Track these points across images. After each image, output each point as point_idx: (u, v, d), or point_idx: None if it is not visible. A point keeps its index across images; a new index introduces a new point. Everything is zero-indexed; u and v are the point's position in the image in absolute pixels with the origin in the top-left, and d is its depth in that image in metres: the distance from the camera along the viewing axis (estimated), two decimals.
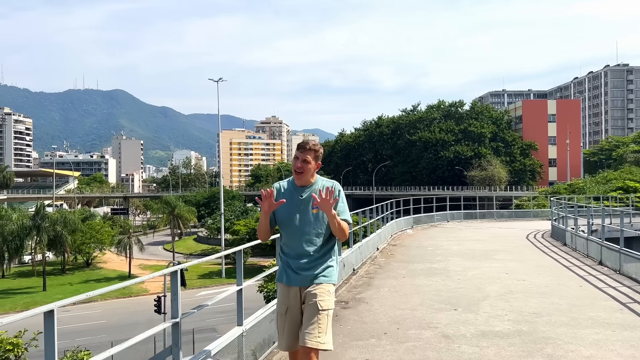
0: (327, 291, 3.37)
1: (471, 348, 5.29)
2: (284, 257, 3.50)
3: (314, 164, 3.42)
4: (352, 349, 5.39)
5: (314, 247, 3.41)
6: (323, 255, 3.45)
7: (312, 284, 3.38)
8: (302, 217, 3.41)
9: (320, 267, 3.42)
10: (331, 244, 3.49)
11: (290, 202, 3.43)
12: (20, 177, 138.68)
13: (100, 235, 59.53)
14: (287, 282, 3.44)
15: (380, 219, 15.23)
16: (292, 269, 3.42)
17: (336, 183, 3.46)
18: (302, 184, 3.44)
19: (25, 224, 49.44)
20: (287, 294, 3.44)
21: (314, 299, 3.31)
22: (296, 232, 3.43)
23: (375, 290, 8.50)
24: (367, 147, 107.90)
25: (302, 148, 3.43)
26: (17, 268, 56.02)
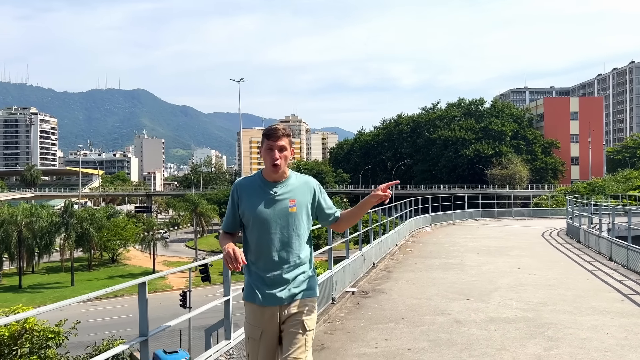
0: (313, 307, 2.97)
1: (480, 331, 5.91)
2: (255, 270, 2.92)
3: (289, 151, 2.91)
4: (372, 331, 6.05)
5: (293, 254, 2.91)
6: (303, 264, 2.97)
7: (294, 300, 2.90)
8: (278, 219, 2.89)
9: (302, 278, 2.94)
10: (310, 249, 3.05)
11: (261, 200, 2.89)
12: (46, 175, 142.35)
13: (125, 232, 61.14)
14: (263, 301, 2.87)
15: (399, 217, 15.85)
16: (267, 285, 2.88)
17: (313, 178, 3.07)
18: (276, 178, 2.92)
19: (54, 221, 51.17)
20: (261, 316, 2.89)
21: (300, 317, 2.88)
22: (271, 239, 2.89)
23: (393, 282, 9.13)
24: (386, 145, 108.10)
25: (274, 136, 2.87)
26: (45, 264, 57.86)
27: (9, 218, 49.50)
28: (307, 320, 2.89)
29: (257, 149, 24.72)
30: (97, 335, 25.35)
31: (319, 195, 3.03)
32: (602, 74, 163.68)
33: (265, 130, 2.91)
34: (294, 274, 2.91)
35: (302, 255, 2.96)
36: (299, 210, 2.93)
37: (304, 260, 2.97)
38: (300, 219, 2.94)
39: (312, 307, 2.96)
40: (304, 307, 2.92)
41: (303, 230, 2.96)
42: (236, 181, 3.01)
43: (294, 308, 2.90)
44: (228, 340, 4.21)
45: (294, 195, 2.92)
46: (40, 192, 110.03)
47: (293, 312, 2.89)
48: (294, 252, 2.92)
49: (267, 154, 2.87)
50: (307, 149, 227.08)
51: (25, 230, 48.74)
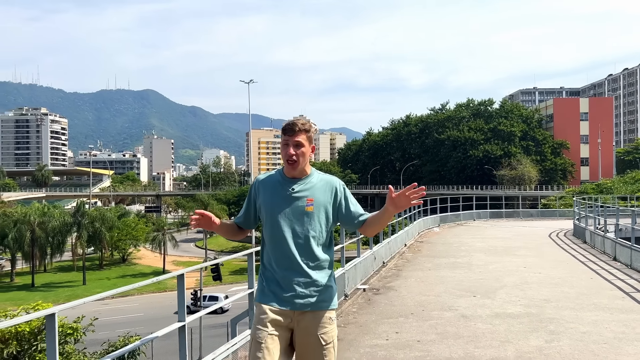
0: (330, 319, 2.76)
1: (485, 325, 6.24)
2: (269, 270, 2.79)
3: (308, 147, 2.78)
4: (383, 325, 6.40)
5: (307, 257, 2.74)
6: (321, 270, 2.77)
7: (307, 311, 2.72)
8: (294, 217, 2.75)
9: (317, 286, 2.74)
10: (330, 255, 2.84)
11: (277, 197, 2.78)
12: (57, 175, 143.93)
13: (135, 232, 61.84)
14: (271, 303, 2.72)
15: (408, 218, 16.18)
16: (278, 286, 2.74)
17: (338, 178, 2.92)
18: (295, 175, 2.80)
19: (66, 221, 51.94)
20: (268, 318, 2.70)
21: (315, 332, 2.70)
22: (284, 238, 2.75)
23: (403, 280, 9.47)
24: (395, 146, 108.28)
25: (290, 131, 2.77)
26: (57, 263, 58.69)
27: (22, 218, 50.35)
28: (323, 335, 2.69)
29: (266, 149, 25.41)
30: (109, 333, 25.81)
31: (341, 196, 2.82)
32: (613, 74, 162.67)
33: (284, 125, 2.81)
34: (307, 280, 2.71)
35: (318, 259, 2.75)
36: (316, 210, 2.74)
37: (321, 266, 2.76)
38: (318, 220, 2.75)
39: (328, 319, 2.74)
40: (320, 320, 2.71)
41: (320, 232, 2.77)
42: (258, 176, 2.93)
43: (309, 321, 2.70)
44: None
45: (313, 194, 2.76)
46: (51, 192, 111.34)
47: (308, 324, 2.70)
48: (308, 255, 2.73)
49: (283, 150, 2.79)
50: (315, 150, 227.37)
51: (38, 230, 49.56)
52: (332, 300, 2.80)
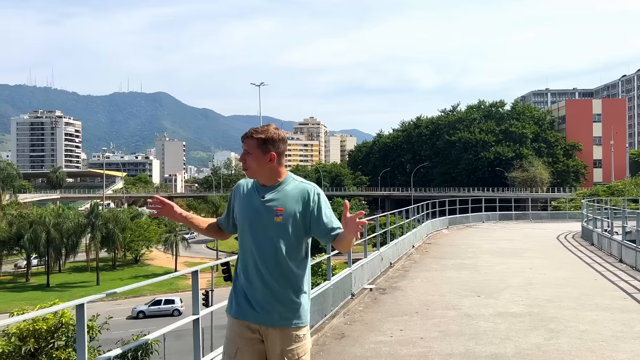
0: (297, 337, 2.62)
1: (487, 324, 6.44)
2: (239, 280, 2.70)
3: (259, 154, 2.64)
4: (388, 322, 6.63)
5: (275, 271, 2.61)
6: (289, 285, 2.62)
7: (275, 327, 2.60)
8: (263, 227, 2.63)
9: (285, 302, 2.61)
10: (302, 269, 2.67)
11: (249, 205, 2.69)
12: (71, 177, 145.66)
13: (147, 233, 62.54)
14: (239, 315, 2.65)
15: (417, 219, 16.37)
16: (245, 298, 2.64)
17: (314, 185, 2.75)
18: (265, 182, 2.69)
19: (80, 222, 52.72)
20: (237, 331, 2.64)
21: (280, 349, 2.59)
22: (253, 248, 2.65)
23: (409, 280, 9.68)
24: (405, 147, 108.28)
25: (243, 137, 2.69)
26: (71, 263, 59.53)
27: (38, 219, 51.19)
28: (288, 353, 2.57)
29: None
30: (123, 332, 26.26)
31: (314, 205, 2.64)
32: (627, 75, 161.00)
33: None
34: (271, 294, 2.60)
35: (286, 273, 2.61)
36: (285, 221, 2.60)
37: (289, 280, 2.62)
38: (288, 231, 2.61)
39: (295, 337, 2.60)
40: (285, 338, 2.59)
41: (291, 244, 2.62)
42: (239, 182, 2.84)
43: (274, 337, 2.60)
44: None
45: (284, 203, 2.62)
46: (66, 194, 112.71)
47: (273, 341, 2.60)
48: (274, 268, 2.60)
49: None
50: (325, 151, 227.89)
51: (53, 231, 50.33)
52: (301, 317, 2.63)
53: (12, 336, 13.19)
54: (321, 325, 6.49)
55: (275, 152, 2.64)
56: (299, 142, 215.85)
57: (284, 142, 2.70)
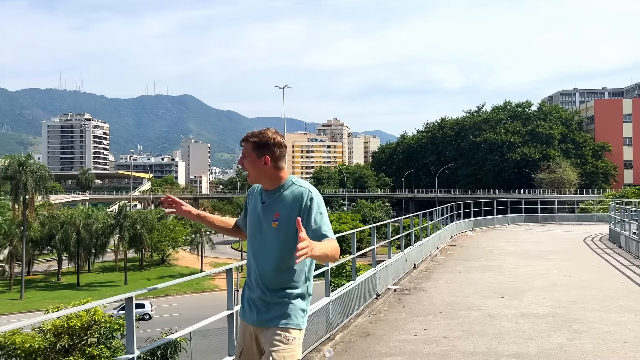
0: (285, 337, 2.60)
1: (510, 324, 6.54)
2: (246, 282, 2.81)
3: (254, 158, 2.68)
4: (412, 322, 6.78)
5: (271, 274, 2.65)
6: (282, 288, 2.64)
7: (268, 328, 2.64)
8: (262, 231, 2.70)
9: (279, 304, 2.63)
10: (299, 275, 2.67)
11: (254, 209, 2.78)
12: (99, 179, 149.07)
13: (174, 234, 63.57)
14: (242, 316, 2.78)
15: (441, 221, 16.41)
16: (246, 300, 2.75)
17: (310, 188, 2.69)
18: (267, 187, 2.73)
19: (109, 223, 53.96)
20: (242, 332, 2.78)
21: (269, 349, 2.60)
22: (254, 252, 2.74)
23: (433, 281, 9.80)
24: (429, 149, 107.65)
25: (241, 141, 2.78)
26: (100, 263, 60.92)
27: (69, 219, 52.58)
28: (274, 353, 2.56)
29: (300, 153, 26.15)
30: (150, 331, 26.88)
31: (304, 209, 2.61)
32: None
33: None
34: (269, 297, 2.64)
35: (280, 277, 2.64)
36: (281, 226, 2.62)
37: (282, 283, 2.64)
38: (284, 236, 2.62)
39: (283, 337, 2.59)
40: (273, 338, 2.60)
41: (287, 249, 2.60)
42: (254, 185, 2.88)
43: (264, 337, 2.64)
44: None
45: (281, 208, 2.65)
46: (94, 195, 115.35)
47: (264, 341, 2.64)
48: (269, 272, 2.64)
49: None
50: (349, 153, 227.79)
51: (83, 231, 51.63)
52: (290, 318, 2.61)
53: (47, 332, 13.73)
54: (347, 324, 6.69)
55: (269, 155, 2.65)
56: (322, 143, 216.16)
57: (281, 146, 2.69)
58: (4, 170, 47.63)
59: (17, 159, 48.53)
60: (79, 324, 14.60)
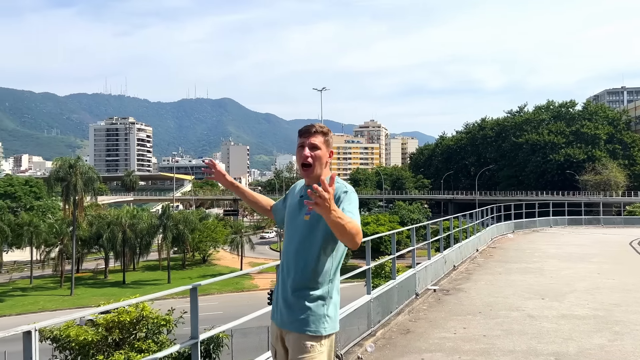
0: (311, 346, 2.50)
1: (550, 324, 6.61)
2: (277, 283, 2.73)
3: (325, 151, 2.59)
4: (452, 321, 6.94)
5: (298, 272, 2.54)
6: (309, 288, 2.52)
7: (291, 332, 2.55)
8: (296, 227, 2.60)
9: (298, 306, 2.52)
10: (327, 274, 2.55)
11: (292, 205, 2.69)
12: (143, 180, 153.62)
13: (214, 234, 64.96)
14: (272, 316, 2.70)
15: (481, 223, 16.35)
16: (278, 301, 2.65)
17: (347, 184, 2.57)
18: (312, 181, 2.56)
19: (153, 223, 55.69)
20: (272, 334, 2.70)
21: (294, 356, 2.53)
22: (286, 247, 2.65)
23: (473, 283, 9.88)
24: (469, 150, 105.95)
25: (306, 132, 2.62)
26: (144, 262, 62.89)
27: (115, 219, 54.59)
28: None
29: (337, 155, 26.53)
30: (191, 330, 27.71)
31: (336, 199, 2.45)
32: None
33: (300, 129, 2.68)
34: (289, 296, 2.55)
35: (309, 275, 2.52)
36: (313, 219, 2.50)
37: (310, 283, 2.52)
38: (316, 230, 2.51)
39: (309, 346, 2.49)
40: (298, 344, 2.50)
41: (317, 244, 2.51)
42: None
43: (290, 342, 2.56)
44: None
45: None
46: (138, 196, 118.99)
47: (290, 346, 2.56)
48: (298, 269, 2.54)
49: (298, 153, 2.63)
50: (386, 154, 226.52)
51: (128, 231, 53.50)
52: (317, 325, 2.50)
53: (99, 327, 14.48)
54: (387, 321, 6.91)
55: (331, 149, 2.65)
56: (359, 145, 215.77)
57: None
58: (56, 172, 49.97)
59: (67, 161, 50.78)
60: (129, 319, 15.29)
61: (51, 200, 68.42)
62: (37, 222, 51.99)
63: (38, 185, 71.89)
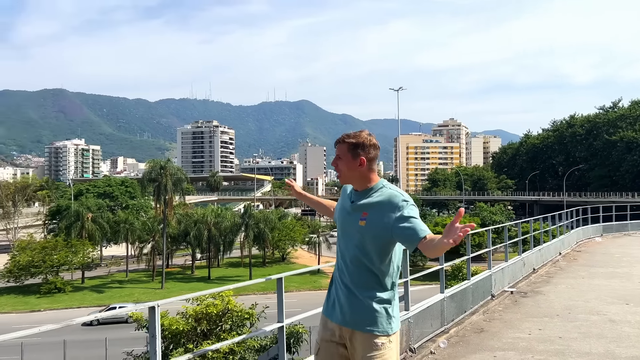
0: (380, 345, 2.62)
1: (632, 329, 6.47)
2: (332, 278, 2.85)
3: (349, 158, 2.73)
4: (527, 322, 6.98)
5: (356, 274, 2.67)
6: (368, 289, 2.65)
7: (351, 328, 2.67)
8: (349, 230, 2.72)
9: (363, 307, 2.64)
10: (384, 276, 2.67)
11: (343, 208, 2.83)
12: (226, 180, 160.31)
13: (293, 233, 66.62)
14: (326, 313, 2.80)
15: (565, 225, 15.77)
16: (334, 299, 2.77)
17: (402, 192, 2.66)
18: (357, 187, 2.75)
19: (236, 222, 58.20)
20: (324, 329, 2.80)
21: (361, 355, 2.64)
22: (340, 250, 2.79)
23: (553, 286, 9.70)
24: (556, 149, 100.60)
25: (335, 142, 2.83)
26: (227, 259, 65.75)
27: (201, 218, 57.67)
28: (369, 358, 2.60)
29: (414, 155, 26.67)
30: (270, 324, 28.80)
31: (399, 211, 2.56)
32: None
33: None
34: (350, 296, 2.66)
35: (368, 279, 2.65)
36: (369, 226, 2.62)
37: (368, 285, 2.65)
38: (370, 236, 2.62)
39: (378, 345, 2.61)
40: (365, 344, 2.63)
41: (372, 249, 2.63)
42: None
43: (355, 342, 2.66)
44: (407, 311, 5.69)
45: (370, 208, 2.65)
46: (222, 196, 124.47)
47: (355, 346, 2.66)
48: (356, 272, 2.66)
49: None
50: (467, 154, 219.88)
51: (213, 229, 56.30)
52: (380, 325, 2.63)
53: (189, 318, 15.62)
54: (461, 320, 7.09)
55: (365, 157, 2.71)
56: (438, 144, 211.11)
57: (375, 147, 2.76)
58: (149, 173, 53.71)
59: (159, 163, 54.40)
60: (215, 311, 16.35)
61: (144, 200, 73.43)
62: (132, 220, 56.17)
63: (132, 185, 77.42)
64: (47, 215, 66.44)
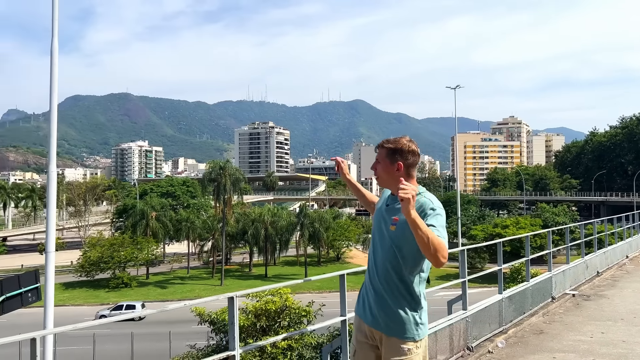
0: (407, 350, 2.68)
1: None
2: (365, 278, 2.90)
3: (387, 163, 2.80)
4: (589, 325, 6.90)
5: (385, 277, 2.71)
6: (396, 295, 2.69)
7: (379, 330, 2.75)
8: (381, 233, 2.77)
9: (390, 312, 2.70)
10: (411, 282, 2.71)
11: (379, 210, 2.89)
12: (281, 180, 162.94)
13: (347, 233, 66.81)
14: (359, 313, 2.87)
15: (634, 227, 15.15)
16: (364, 300, 2.83)
17: (435, 201, 2.67)
18: (394, 192, 2.79)
19: (292, 221, 59.14)
20: (357, 330, 2.87)
21: (387, 358, 2.72)
22: (372, 251, 2.86)
23: (618, 290, 9.43)
24: (625, 147, 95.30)
25: (376, 147, 2.95)
26: (283, 258, 66.86)
27: (258, 217, 59.03)
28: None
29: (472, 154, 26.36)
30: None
31: (423, 218, 2.57)
32: None
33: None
34: (380, 300, 2.73)
35: (396, 283, 2.69)
36: (398, 230, 2.66)
37: (397, 289, 2.69)
38: (400, 240, 2.66)
39: (406, 350, 2.67)
40: (393, 348, 2.70)
41: (401, 254, 2.67)
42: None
43: (385, 345, 2.73)
44: (464, 311, 5.78)
45: (401, 213, 2.60)
46: (278, 196, 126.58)
47: (385, 349, 2.73)
48: (385, 276, 2.71)
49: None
50: (528, 153, 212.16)
51: (270, 228, 57.49)
52: (408, 330, 2.69)
53: (249, 314, 16.20)
54: (520, 321, 7.10)
55: (402, 162, 2.77)
56: (497, 143, 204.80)
57: (414, 154, 2.81)
58: (209, 174, 55.62)
59: (218, 164, 56.20)
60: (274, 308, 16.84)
61: (204, 199, 75.98)
62: (193, 219, 58.30)
63: (193, 185, 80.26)
64: (115, 213, 70.16)
